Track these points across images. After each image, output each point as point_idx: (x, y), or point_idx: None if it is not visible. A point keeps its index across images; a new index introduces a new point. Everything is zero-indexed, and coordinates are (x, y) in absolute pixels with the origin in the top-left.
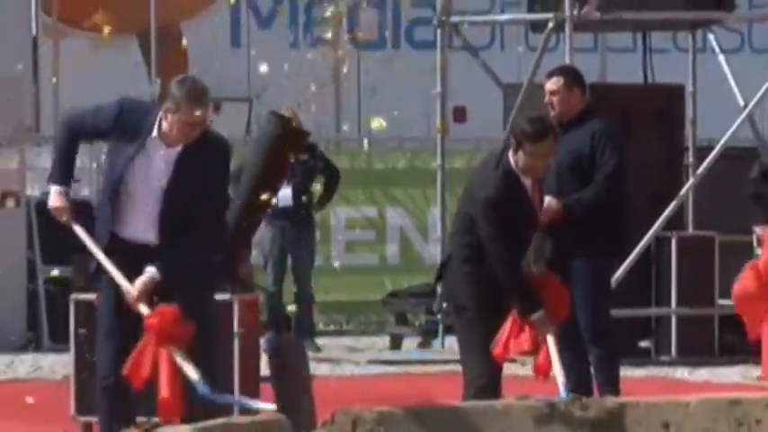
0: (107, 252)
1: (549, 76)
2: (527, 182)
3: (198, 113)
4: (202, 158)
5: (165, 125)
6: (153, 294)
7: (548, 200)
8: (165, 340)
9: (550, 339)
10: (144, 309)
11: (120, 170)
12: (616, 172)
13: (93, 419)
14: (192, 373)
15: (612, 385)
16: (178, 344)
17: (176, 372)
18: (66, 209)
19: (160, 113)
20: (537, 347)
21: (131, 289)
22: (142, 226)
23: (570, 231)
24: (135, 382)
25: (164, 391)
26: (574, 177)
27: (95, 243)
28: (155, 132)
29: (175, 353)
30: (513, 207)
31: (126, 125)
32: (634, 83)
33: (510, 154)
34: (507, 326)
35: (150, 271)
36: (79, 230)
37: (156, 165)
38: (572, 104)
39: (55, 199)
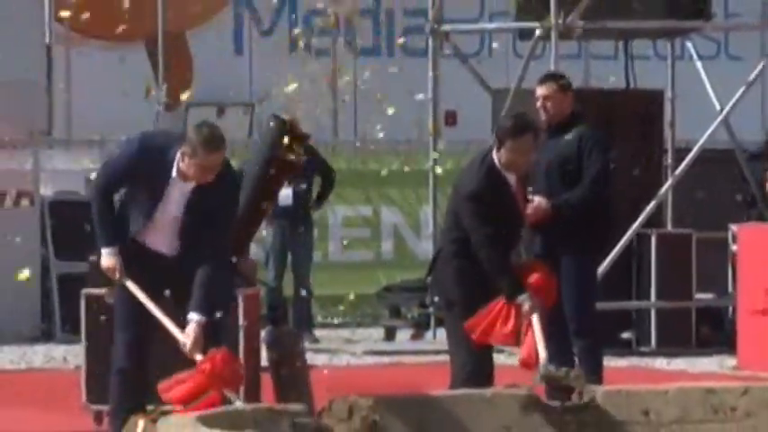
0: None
1: (542, 82)
2: (511, 178)
3: (213, 158)
4: (213, 191)
5: (182, 165)
6: (204, 339)
7: (537, 200)
8: (217, 384)
9: (536, 320)
10: (199, 356)
11: (150, 210)
12: (601, 174)
13: (104, 408)
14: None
15: (596, 375)
16: (230, 386)
17: None
18: (119, 268)
19: (178, 154)
20: (519, 339)
21: (186, 339)
22: (161, 243)
23: (558, 231)
24: (173, 401)
25: None
26: (562, 178)
27: (145, 294)
28: (174, 172)
29: (229, 394)
30: (495, 201)
31: (146, 165)
32: (616, 88)
33: (494, 151)
34: (490, 312)
35: (194, 318)
36: (131, 285)
37: (173, 199)
38: (563, 108)
39: (107, 260)
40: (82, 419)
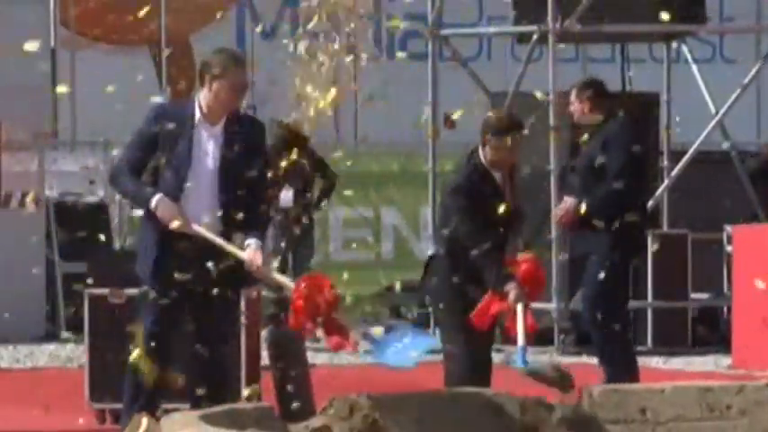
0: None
1: (573, 87)
2: (497, 174)
3: (243, 74)
4: (243, 132)
5: (205, 99)
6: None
7: (569, 201)
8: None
9: (520, 309)
10: (275, 274)
11: (184, 170)
12: (621, 175)
13: (106, 407)
14: None
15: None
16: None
17: None
18: (178, 212)
19: (198, 96)
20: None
21: (255, 259)
22: (200, 209)
23: (586, 230)
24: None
25: None
26: (590, 179)
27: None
28: (198, 114)
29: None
30: (480, 197)
31: (166, 124)
32: (612, 91)
33: (479, 148)
34: (486, 299)
35: (252, 242)
36: (198, 228)
37: (204, 146)
38: (586, 114)
39: (163, 210)
40: (85, 418)
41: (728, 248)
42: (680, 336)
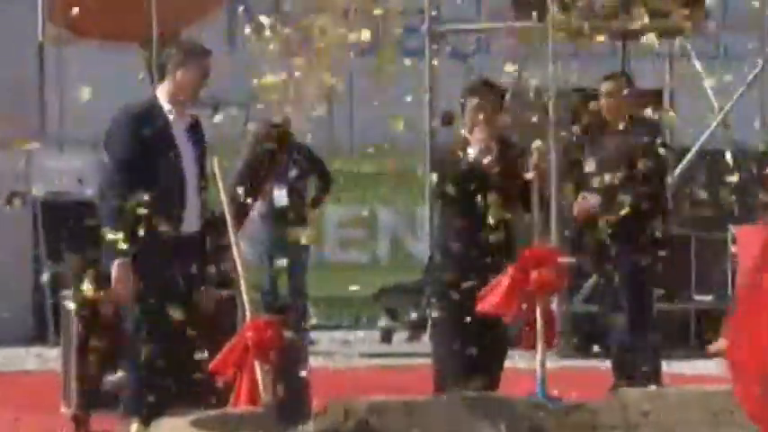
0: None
1: (604, 80)
2: (476, 146)
3: (207, 62)
4: (199, 128)
5: (173, 87)
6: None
7: (591, 199)
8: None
9: (539, 310)
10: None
11: (178, 167)
12: (650, 176)
13: (85, 412)
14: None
15: (655, 376)
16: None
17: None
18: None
19: (158, 93)
20: (515, 315)
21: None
22: (193, 203)
23: (614, 232)
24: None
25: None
26: (617, 175)
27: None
28: (167, 109)
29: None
30: (460, 175)
31: (142, 123)
32: None
33: (461, 119)
34: (497, 283)
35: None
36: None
37: (182, 141)
38: (618, 108)
39: (120, 272)
40: (65, 423)
41: (733, 249)
42: (683, 338)
